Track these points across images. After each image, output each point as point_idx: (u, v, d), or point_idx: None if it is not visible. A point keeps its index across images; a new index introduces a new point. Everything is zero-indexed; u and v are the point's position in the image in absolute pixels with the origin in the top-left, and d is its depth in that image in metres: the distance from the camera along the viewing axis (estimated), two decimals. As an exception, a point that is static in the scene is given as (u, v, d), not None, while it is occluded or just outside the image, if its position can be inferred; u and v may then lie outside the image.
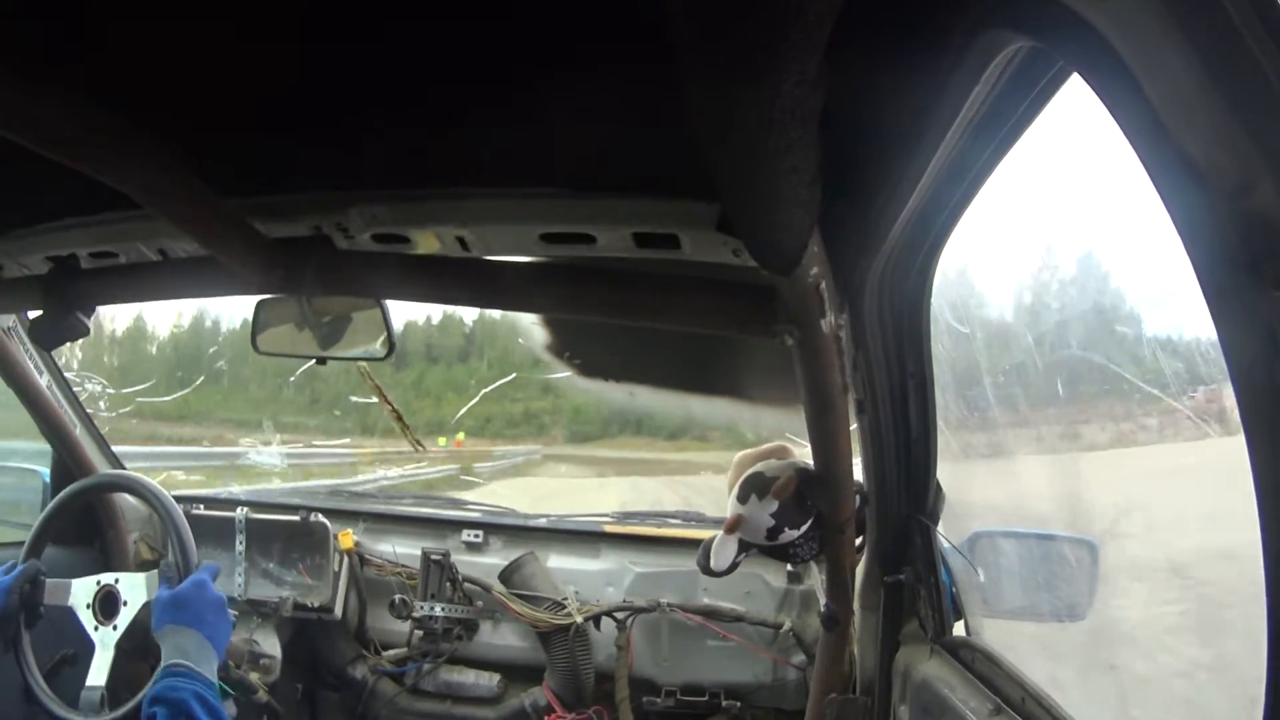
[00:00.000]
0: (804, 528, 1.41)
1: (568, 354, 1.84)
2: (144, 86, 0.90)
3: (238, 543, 2.13)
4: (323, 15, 0.78)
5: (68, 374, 2.06)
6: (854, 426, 1.36)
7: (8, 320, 1.84)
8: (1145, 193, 0.53)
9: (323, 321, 1.62)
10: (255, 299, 1.63)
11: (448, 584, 2.06)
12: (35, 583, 1.62)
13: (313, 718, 2.26)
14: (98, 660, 1.58)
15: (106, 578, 1.64)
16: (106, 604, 1.62)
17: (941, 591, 1.36)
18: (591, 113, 0.88)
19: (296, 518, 2.13)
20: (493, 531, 2.19)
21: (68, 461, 2.05)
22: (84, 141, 0.87)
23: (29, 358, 1.92)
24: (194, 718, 1.26)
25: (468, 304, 1.30)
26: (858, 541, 1.47)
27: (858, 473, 1.41)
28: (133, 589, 1.62)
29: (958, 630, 1.37)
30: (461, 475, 9.90)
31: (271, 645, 2.08)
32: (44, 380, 1.96)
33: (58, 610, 1.64)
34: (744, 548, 1.45)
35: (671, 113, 0.65)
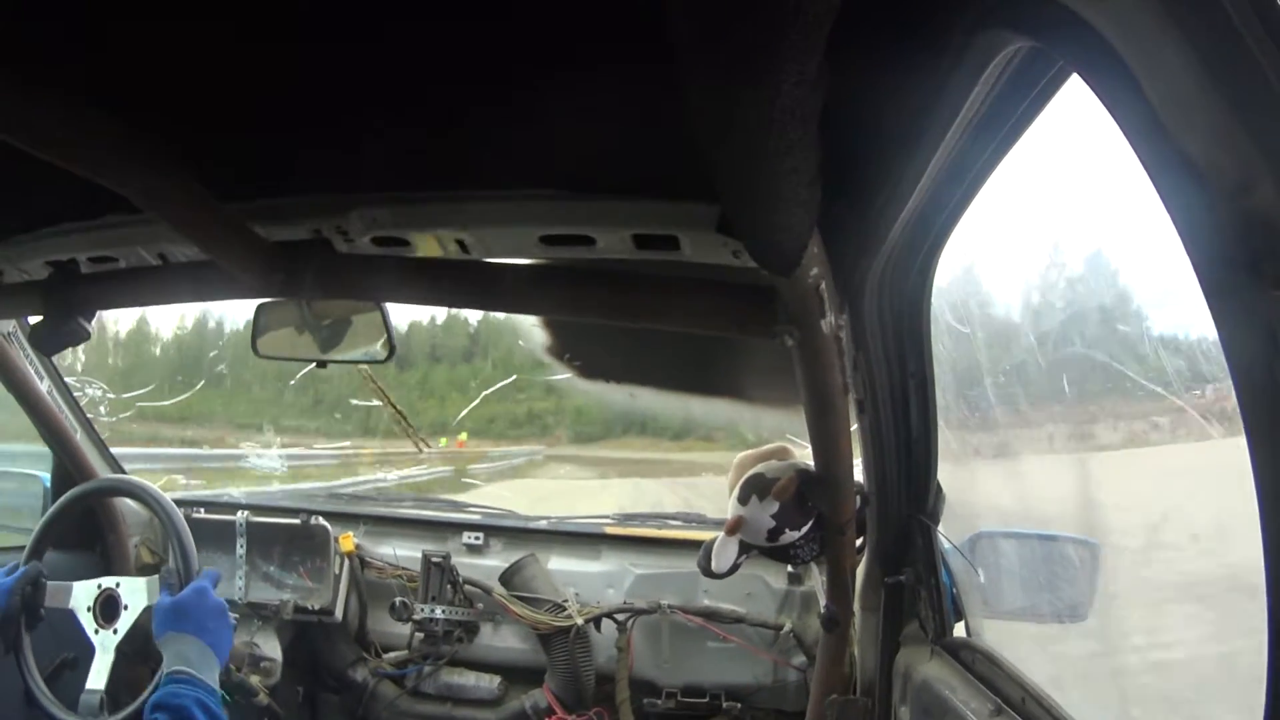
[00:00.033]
0: (805, 529, 1.41)
1: (568, 356, 1.84)
2: (143, 89, 0.90)
3: (238, 546, 2.13)
4: (322, 15, 0.78)
5: (69, 378, 2.06)
6: (854, 427, 1.36)
7: (8, 325, 1.84)
8: (1145, 192, 0.53)
9: (323, 325, 1.62)
10: (255, 302, 1.64)
11: (448, 586, 2.06)
12: (36, 585, 1.63)
13: None
14: (98, 664, 1.58)
15: (107, 581, 1.64)
16: (107, 608, 1.62)
17: (942, 592, 1.35)
18: (591, 113, 0.88)
19: (297, 521, 2.13)
20: (493, 534, 2.19)
21: (68, 466, 2.06)
22: (83, 145, 0.87)
23: (29, 363, 1.92)
24: None
25: (467, 306, 1.30)
26: (858, 542, 1.47)
27: (858, 473, 1.42)
28: (133, 593, 1.62)
29: (958, 631, 1.37)
30: (456, 478, 9.66)
31: (272, 648, 2.08)
32: (44, 385, 1.96)
33: (58, 613, 1.64)
34: (745, 549, 1.45)
35: (671, 114, 0.65)
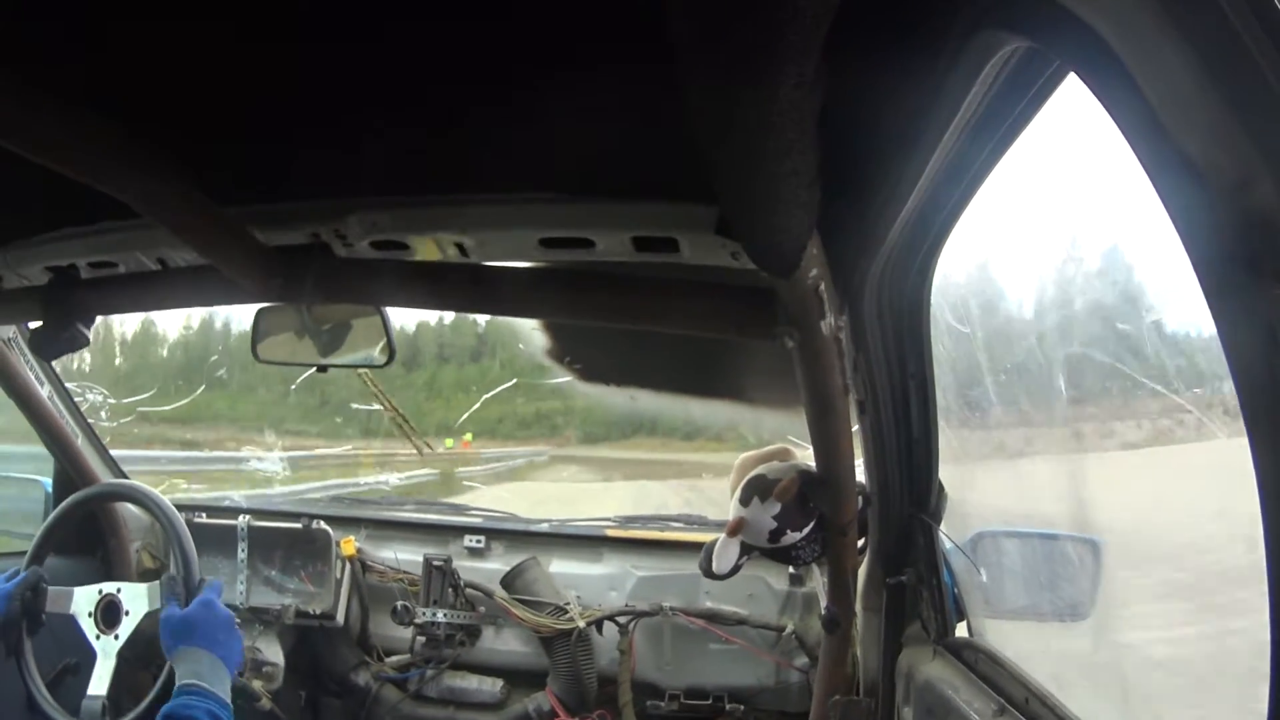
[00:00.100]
0: (806, 530, 1.41)
1: (568, 359, 1.84)
2: (141, 93, 0.90)
3: (240, 551, 2.13)
4: (322, 15, 0.78)
5: (71, 382, 2.06)
6: (855, 428, 1.35)
7: (8, 331, 1.84)
8: (1144, 192, 0.53)
9: (323, 329, 1.62)
10: (256, 307, 1.64)
11: (450, 590, 2.06)
12: (37, 590, 1.62)
13: None
14: (99, 669, 1.58)
15: (109, 587, 1.64)
16: (108, 613, 1.61)
17: (944, 592, 1.35)
18: (591, 114, 0.88)
19: (298, 525, 2.13)
20: (494, 537, 2.19)
21: (69, 471, 2.06)
22: (82, 151, 0.87)
23: (29, 368, 1.92)
24: None
25: (467, 310, 1.30)
26: (860, 543, 1.47)
27: (860, 474, 1.41)
28: (135, 598, 1.62)
29: (960, 631, 1.37)
30: (445, 480, 9.04)
31: (274, 653, 2.08)
32: (45, 391, 1.96)
33: (60, 619, 1.64)
34: (746, 550, 1.45)
35: (670, 115, 0.65)
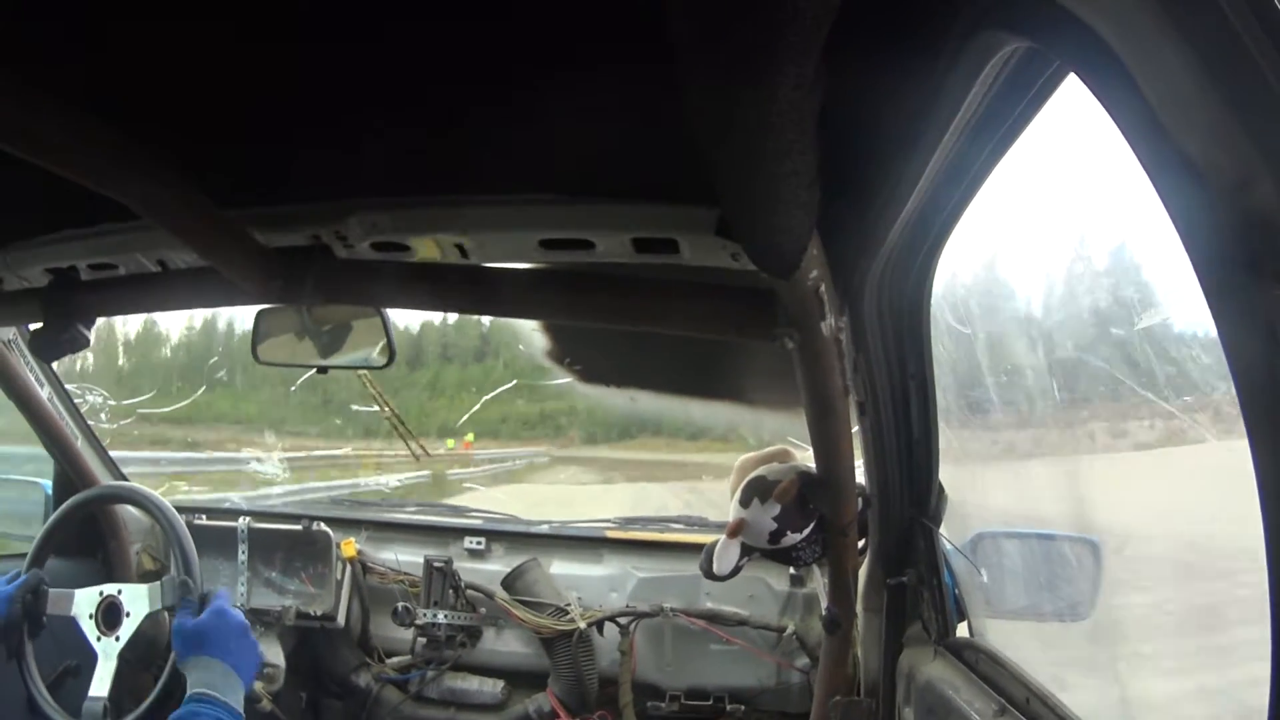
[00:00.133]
0: (806, 531, 1.41)
1: (568, 360, 1.84)
2: (141, 95, 0.90)
3: (240, 552, 2.13)
4: (322, 15, 0.78)
5: (71, 384, 2.06)
6: (855, 429, 1.36)
7: (8, 333, 1.84)
8: (1144, 191, 0.53)
9: (323, 330, 1.62)
10: (257, 308, 1.64)
11: (450, 591, 2.06)
12: (38, 592, 1.62)
13: None
14: (100, 671, 1.58)
15: (109, 588, 1.64)
16: (109, 615, 1.61)
17: (944, 593, 1.35)
18: (591, 114, 0.88)
19: (299, 527, 2.13)
20: (495, 538, 2.19)
21: (69, 473, 2.06)
22: (82, 153, 0.87)
23: (29, 370, 1.92)
24: None
25: (467, 311, 1.30)
26: (860, 544, 1.47)
27: (860, 475, 1.41)
28: (135, 600, 1.62)
29: (961, 631, 1.36)
30: (435, 483, 8.78)
31: (275, 654, 2.07)
32: (45, 392, 1.96)
33: (60, 621, 1.63)
34: (746, 552, 1.45)
35: (670, 116, 0.65)
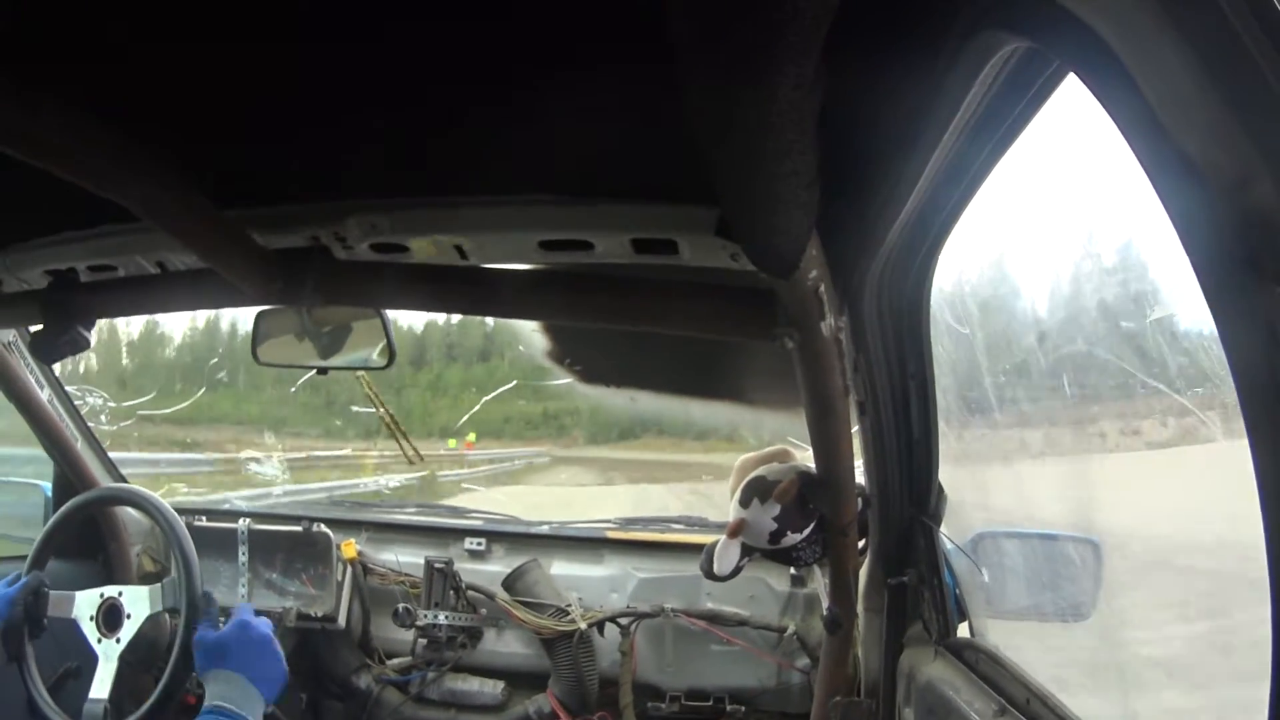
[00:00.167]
0: (806, 531, 1.41)
1: (568, 360, 1.84)
2: (141, 96, 0.90)
3: (240, 554, 2.13)
4: (321, 15, 0.78)
5: (71, 386, 2.06)
6: (855, 429, 1.35)
7: (8, 335, 1.84)
8: (1143, 191, 0.53)
9: (323, 331, 1.62)
10: (257, 309, 1.64)
11: (451, 592, 2.06)
12: (39, 595, 1.62)
13: None
14: (101, 673, 1.58)
15: (110, 590, 1.64)
16: (110, 616, 1.61)
17: (945, 593, 1.35)
18: (590, 114, 0.88)
19: (299, 528, 2.12)
20: (495, 539, 2.19)
21: (69, 475, 2.05)
22: (82, 155, 0.87)
23: (29, 372, 1.92)
24: None
25: (467, 312, 1.30)
26: (860, 544, 1.47)
27: (860, 475, 1.41)
28: (136, 601, 1.62)
29: (962, 631, 1.36)
30: (425, 485, 8.27)
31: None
32: (45, 394, 1.96)
33: (61, 623, 1.63)
34: (747, 552, 1.45)
35: (670, 116, 0.65)
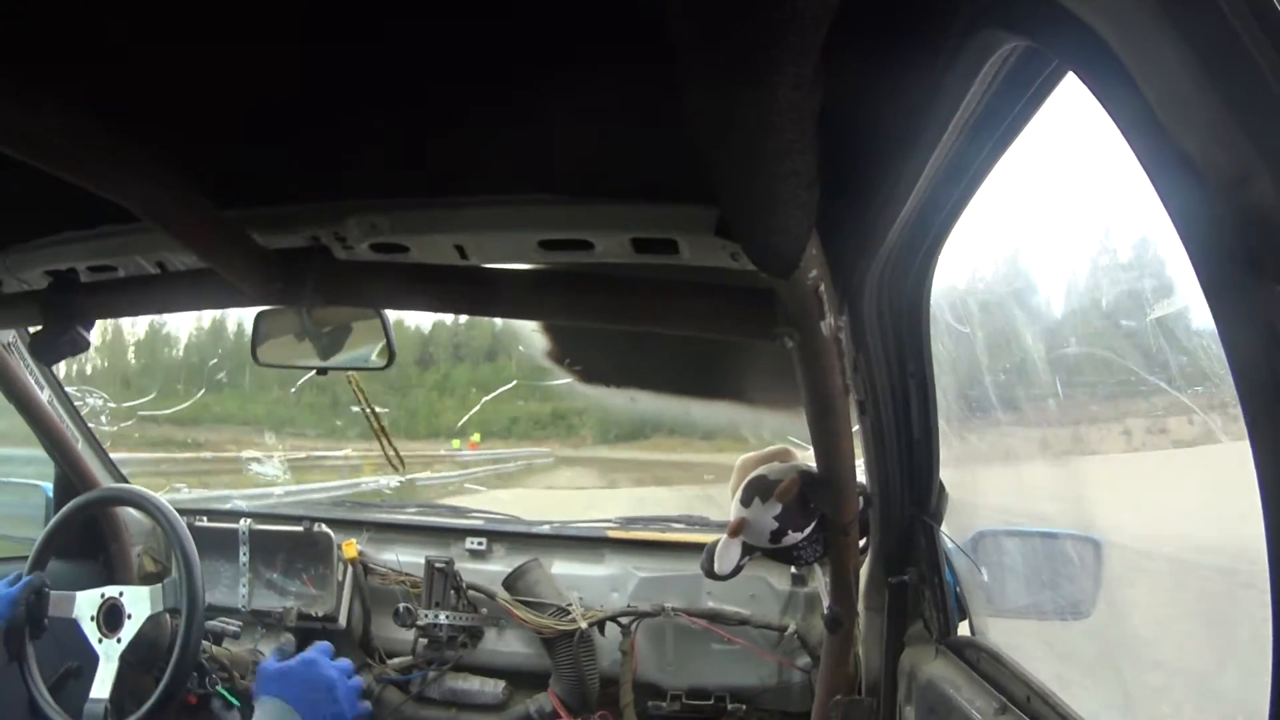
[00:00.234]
0: (807, 530, 1.41)
1: (568, 360, 1.84)
2: (141, 96, 0.90)
3: (241, 554, 2.13)
4: (321, 15, 0.78)
5: (71, 387, 2.06)
6: (856, 428, 1.36)
7: (8, 336, 1.84)
8: (1143, 190, 0.53)
9: (322, 332, 1.63)
10: (257, 309, 1.64)
11: (452, 592, 2.06)
12: (40, 595, 1.63)
13: None
14: (102, 673, 1.58)
15: (110, 590, 1.64)
16: (111, 617, 1.62)
17: (946, 592, 1.35)
18: (590, 114, 0.88)
19: (300, 528, 2.13)
20: (496, 539, 2.19)
21: (70, 475, 2.06)
22: (82, 156, 0.87)
23: (29, 373, 1.92)
24: None
25: (467, 312, 1.30)
26: (861, 543, 1.47)
27: (860, 474, 1.41)
28: (137, 602, 1.62)
29: (962, 630, 1.37)
30: (407, 486, 6.85)
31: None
32: (45, 395, 1.97)
33: (62, 623, 1.64)
34: (748, 551, 1.45)
35: (670, 116, 0.65)
